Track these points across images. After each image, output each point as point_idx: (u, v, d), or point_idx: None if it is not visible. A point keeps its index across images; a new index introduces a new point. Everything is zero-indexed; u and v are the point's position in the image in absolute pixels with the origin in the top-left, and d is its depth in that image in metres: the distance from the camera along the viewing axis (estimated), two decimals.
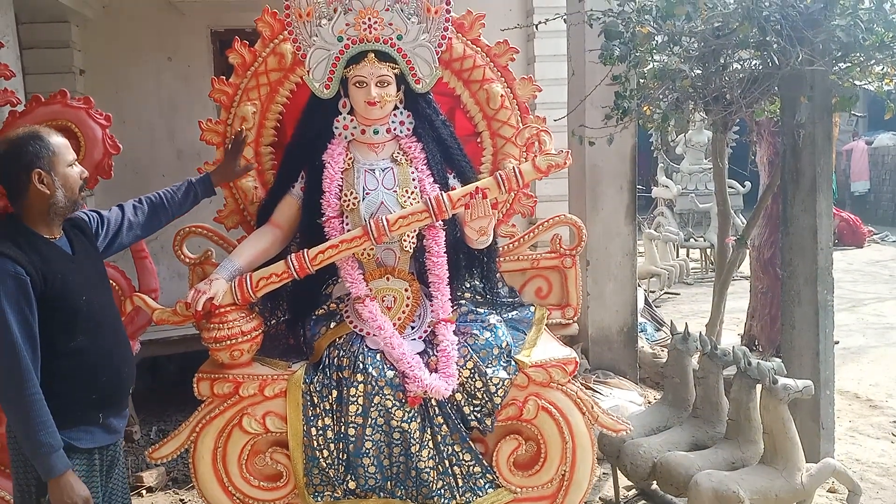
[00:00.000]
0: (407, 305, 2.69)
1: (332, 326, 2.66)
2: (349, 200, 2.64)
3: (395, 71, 2.66)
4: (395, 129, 2.73)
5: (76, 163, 2.26)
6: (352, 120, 2.72)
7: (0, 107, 2.91)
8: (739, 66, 4.05)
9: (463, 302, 2.82)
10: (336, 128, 2.72)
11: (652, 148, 10.62)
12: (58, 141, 2.21)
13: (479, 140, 3.09)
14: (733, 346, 3.25)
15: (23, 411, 2.06)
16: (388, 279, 2.70)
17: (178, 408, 4.54)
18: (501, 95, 3.00)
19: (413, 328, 2.69)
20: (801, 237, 3.66)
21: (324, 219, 2.63)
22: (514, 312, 2.97)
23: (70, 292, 2.16)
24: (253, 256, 2.68)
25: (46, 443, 2.07)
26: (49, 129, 2.27)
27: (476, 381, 2.57)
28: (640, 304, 6.01)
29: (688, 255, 10.54)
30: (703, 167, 9.86)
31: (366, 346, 2.56)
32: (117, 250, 2.53)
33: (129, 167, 5.26)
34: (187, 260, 2.95)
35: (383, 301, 2.67)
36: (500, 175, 2.59)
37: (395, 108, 2.72)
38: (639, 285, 5.83)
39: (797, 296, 3.67)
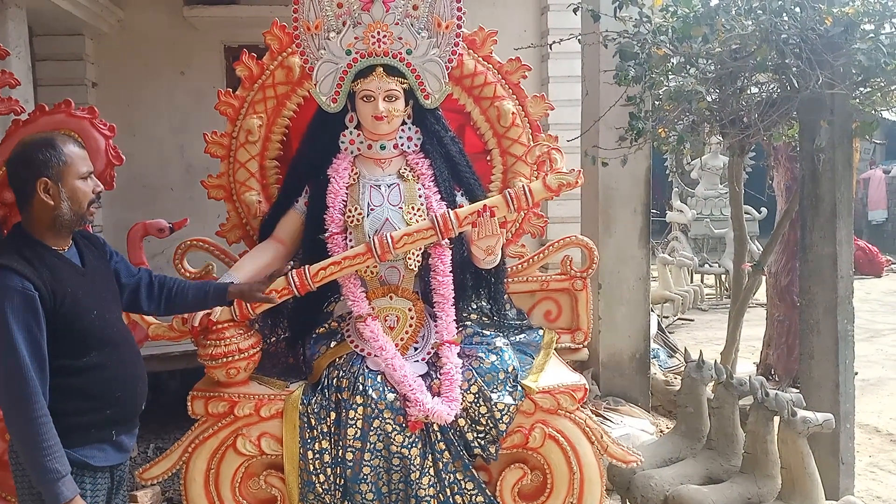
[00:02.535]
0: (410, 326, 2.61)
1: (332, 346, 2.59)
2: (353, 216, 2.57)
3: (404, 86, 2.61)
4: (402, 145, 2.67)
5: (91, 176, 2.13)
6: (358, 135, 2.66)
7: (4, 115, 2.87)
8: (757, 90, 3.98)
9: (469, 323, 2.74)
10: (342, 142, 2.66)
11: (667, 172, 10.56)
12: (72, 150, 2.08)
13: (488, 158, 3.03)
14: (750, 376, 3.14)
15: (30, 435, 1.94)
16: (391, 298, 2.62)
17: (177, 425, 4.42)
18: (513, 113, 2.94)
19: (416, 349, 2.60)
20: (820, 265, 3.57)
21: (327, 234, 2.57)
22: (522, 335, 2.89)
23: (81, 307, 2.06)
24: (253, 272, 2.60)
25: (53, 468, 1.95)
26: (68, 137, 2.16)
27: (480, 406, 2.48)
28: (654, 329, 5.90)
29: (702, 281, 10.41)
30: (718, 192, 9.76)
31: (366, 366, 2.48)
32: None
33: (138, 181, 5.25)
34: (188, 274, 2.89)
35: (386, 320, 2.59)
36: (509, 193, 2.51)
37: (403, 123, 2.67)
38: (652, 310, 5.72)
39: (816, 325, 3.57)
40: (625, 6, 3.78)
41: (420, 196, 2.62)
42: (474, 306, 2.84)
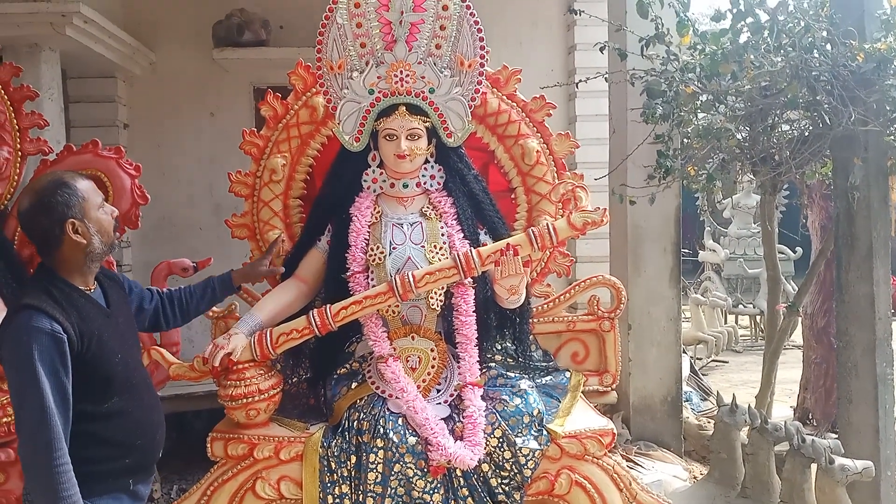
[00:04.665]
0: (432, 367, 2.56)
1: (353, 387, 2.54)
2: (375, 255, 2.55)
3: (427, 124, 2.60)
4: (425, 183, 2.66)
5: (105, 203, 2.14)
6: (381, 173, 2.65)
7: (33, 155, 2.93)
8: (788, 127, 3.92)
9: (493, 365, 2.68)
10: (365, 181, 2.66)
11: (699, 211, 10.45)
12: (85, 185, 2.07)
13: (513, 196, 3.00)
14: (785, 421, 3.04)
15: (51, 483, 1.88)
16: (413, 338, 2.58)
17: (201, 465, 4.40)
18: (537, 151, 2.91)
19: (438, 391, 2.55)
20: (857, 306, 3.46)
21: (348, 273, 2.54)
22: (548, 378, 2.82)
23: (106, 351, 2.04)
24: (275, 311, 2.59)
25: None
26: (73, 173, 2.15)
27: (505, 451, 2.41)
28: (686, 371, 5.76)
29: (736, 322, 10.21)
30: (751, 231, 9.63)
31: (387, 409, 2.43)
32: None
33: (167, 220, 5.30)
34: (210, 313, 2.88)
35: (408, 361, 2.55)
36: (533, 232, 2.48)
37: (426, 161, 2.65)
38: (684, 352, 5.60)
39: (854, 368, 3.45)
40: (652, 44, 3.77)
41: (443, 234, 2.59)
42: (499, 347, 2.78)
